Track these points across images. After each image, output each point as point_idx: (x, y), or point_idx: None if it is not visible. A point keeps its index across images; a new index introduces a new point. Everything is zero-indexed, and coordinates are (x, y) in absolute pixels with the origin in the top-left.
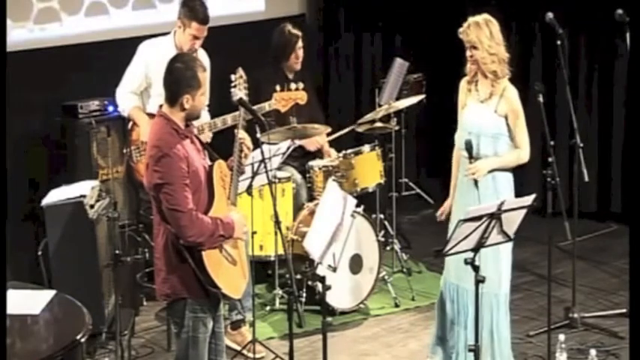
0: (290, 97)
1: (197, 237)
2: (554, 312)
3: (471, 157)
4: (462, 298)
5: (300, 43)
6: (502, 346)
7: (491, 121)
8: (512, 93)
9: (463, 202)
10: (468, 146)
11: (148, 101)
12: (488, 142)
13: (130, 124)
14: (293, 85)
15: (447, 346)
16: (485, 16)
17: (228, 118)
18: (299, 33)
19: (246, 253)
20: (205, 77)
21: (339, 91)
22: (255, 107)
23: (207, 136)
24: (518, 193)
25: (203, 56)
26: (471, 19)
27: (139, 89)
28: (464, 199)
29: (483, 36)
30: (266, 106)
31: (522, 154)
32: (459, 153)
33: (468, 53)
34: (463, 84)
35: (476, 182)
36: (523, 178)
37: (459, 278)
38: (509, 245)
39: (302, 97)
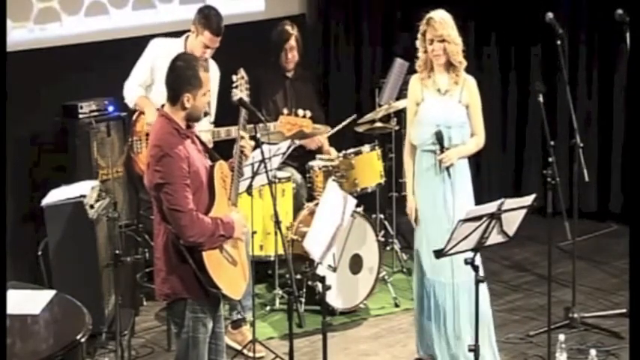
0: (296, 122)
1: (197, 237)
2: (554, 312)
3: (442, 147)
4: (441, 292)
5: (292, 43)
6: (484, 331)
7: (457, 111)
8: (473, 83)
9: (429, 194)
10: (439, 136)
11: (149, 94)
12: (457, 131)
13: (136, 114)
14: (300, 112)
15: (433, 342)
16: (442, 11)
17: (232, 130)
18: (292, 32)
19: (246, 253)
20: (207, 77)
21: (339, 91)
22: (260, 125)
23: (208, 141)
24: (518, 194)
25: (212, 66)
26: (433, 14)
27: (144, 84)
28: (429, 190)
29: (450, 28)
30: (271, 127)
31: (480, 141)
32: (412, 149)
33: (436, 46)
34: (415, 81)
35: (447, 170)
36: (523, 178)
37: (434, 273)
38: None
39: (307, 125)
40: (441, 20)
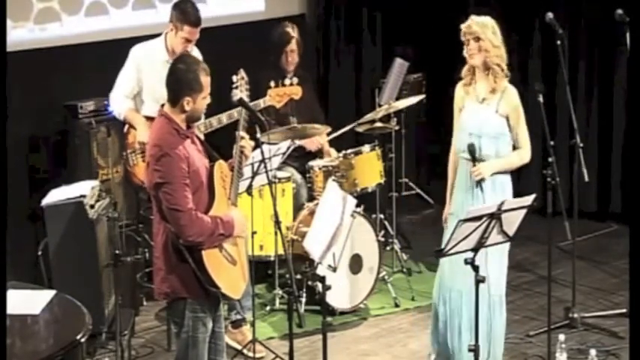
0: (285, 92)
1: (197, 236)
2: (554, 312)
3: (474, 159)
4: (456, 300)
5: (292, 45)
6: (496, 349)
7: (493, 121)
8: (513, 92)
9: (461, 201)
10: (471, 148)
11: (141, 106)
12: (489, 142)
13: (126, 127)
14: (287, 81)
15: (441, 345)
16: (488, 17)
17: (224, 117)
18: (293, 34)
19: (246, 253)
20: (208, 81)
21: (339, 91)
22: (250, 104)
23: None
24: (518, 194)
25: (196, 55)
26: (473, 16)
27: (131, 93)
28: (464, 200)
29: (487, 29)
30: (261, 102)
31: (524, 154)
32: (455, 156)
33: (471, 46)
34: (459, 88)
35: (479, 184)
36: (523, 178)
37: (453, 280)
38: (505, 246)
39: (297, 92)
40: (479, 21)
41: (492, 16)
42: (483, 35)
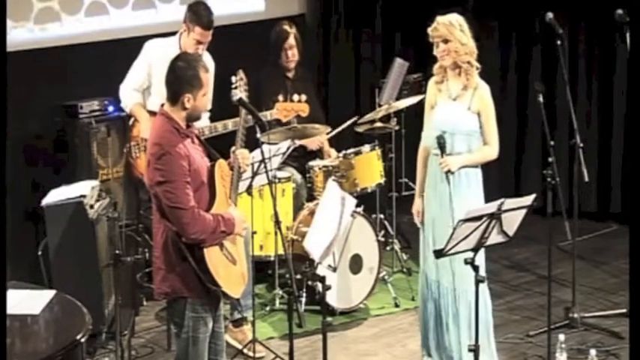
0: (292, 108)
1: (199, 234)
2: (554, 312)
3: (443, 152)
4: (444, 296)
5: (291, 41)
6: (483, 342)
7: (465, 119)
8: (485, 90)
9: (435, 198)
10: (441, 141)
11: (148, 98)
12: (462, 139)
13: (132, 120)
14: (296, 97)
15: (432, 344)
16: (455, 15)
17: (229, 123)
18: (290, 30)
19: (246, 253)
20: (208, 78)
21: (339, 91)
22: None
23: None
24: (518, 194)
25: (208, 60)
26: (440, 17)
27: (141, 87)
28: (435, 194)
29: (454, 29)
30: (267, 114)
31: (491, 151)
32: (424, 152)
33: (440, 48)
34: (431, 84)
35: (448, 177)
36: (523, 178)
37: (438, 275)
38: None
39: (304, 109)
40: (445, 22)
41: (492, 17)
42: (451, 37)
